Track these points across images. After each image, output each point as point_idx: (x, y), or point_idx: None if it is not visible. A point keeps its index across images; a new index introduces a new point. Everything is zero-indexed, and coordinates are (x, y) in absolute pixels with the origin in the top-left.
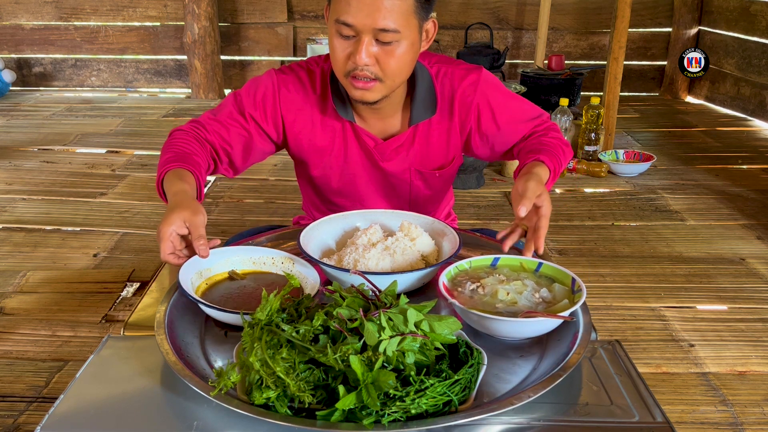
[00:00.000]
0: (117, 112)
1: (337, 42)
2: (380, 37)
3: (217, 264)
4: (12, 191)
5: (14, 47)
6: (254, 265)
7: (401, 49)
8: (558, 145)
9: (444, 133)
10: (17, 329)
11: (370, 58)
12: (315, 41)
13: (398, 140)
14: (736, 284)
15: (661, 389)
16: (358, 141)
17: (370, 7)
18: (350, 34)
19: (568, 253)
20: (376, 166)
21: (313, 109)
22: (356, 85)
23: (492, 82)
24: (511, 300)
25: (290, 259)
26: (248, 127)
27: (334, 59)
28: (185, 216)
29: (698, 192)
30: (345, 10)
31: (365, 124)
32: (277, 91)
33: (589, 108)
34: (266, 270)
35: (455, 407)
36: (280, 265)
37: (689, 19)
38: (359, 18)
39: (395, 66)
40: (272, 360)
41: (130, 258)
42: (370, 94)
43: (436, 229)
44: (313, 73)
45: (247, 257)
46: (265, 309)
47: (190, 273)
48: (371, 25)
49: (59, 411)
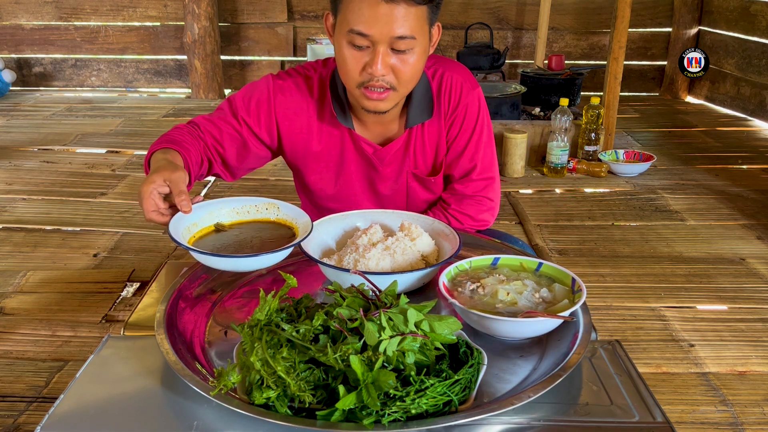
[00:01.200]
0: (117, 112)
1: (350, 53)
2: (396, 45)
3: (201, 218)
4: (12, 191)
5: (14, 47)
6: (238, 215)
7: (415, 57)
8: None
9: (435, 134)
10: (17, 329)
11: (386, 68)
12: (315, 41)
13: (396, 144)
14: (736, 284)
15: (661, 389)
16: (356, 148)
17: (387, 16)
18: (365, 44)
19: (568, 253)
20: (374, 172)
21: (310, 115)
22: (370, 97)
23: (485, 110)
24: (511, 300)
25: (274, 204)
26: (241, 131)
27: (345, 70)
28: (165, 175)
29: (698, 192)
30: (360, 20)
31: (364, 129)
32: (273, 97)
33: (589, 108)
34: (252, 219)
35: (455, 407)
36: (264, 211)
37: (689, 19)
38: (376, 27)
39: (410, 74)
40: (273, 359)
41: (130, 258)
42: (384, 104)
43: (436, 229)
44: (310, 78)
45: (230, 208)
46: (264, 309)
47: (177, 230)
48: (388, 34)
49: (59, 411)
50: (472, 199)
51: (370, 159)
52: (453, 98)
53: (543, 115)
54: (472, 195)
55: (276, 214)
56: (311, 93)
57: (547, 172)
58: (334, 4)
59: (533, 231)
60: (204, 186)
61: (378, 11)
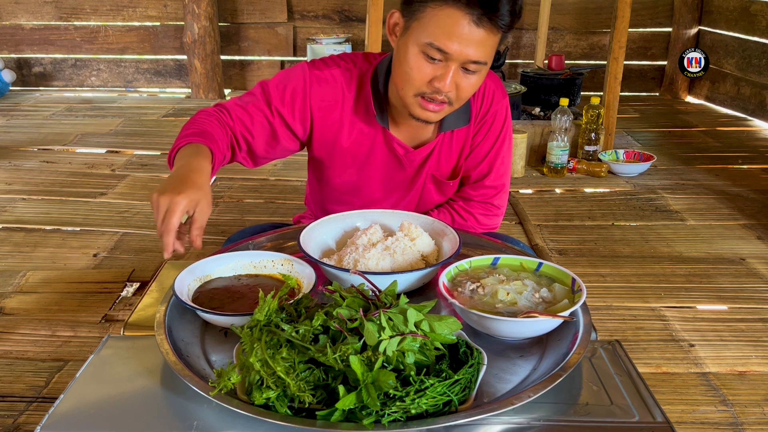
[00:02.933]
0: (117, 112)
1: (420, 63)
2: (468, 66)
3: (217, 270)
4: (12, 191)
5: (14, 47)
6: (255, 269)
7: (478, 78)
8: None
9: (462, 139)
10: (17, 329)
11: (453, 85)
12: (315, 41)
13: (428, 148)
14: (736, 284)
15: (661, 389)
16: (387, 147)
17: (469, 39)
18: (439, 59)
19: (568, 253)
20: (398, 172)
21: (344, 108)
22: (426, 107)
23: (510, 120)
24: (511, 300)
25: (289, 260)
26: (273, 121)
27: (409, 77)
28: (197, 199)
29: (698, 192)
30: (442, 36)
31: (397, 130)
32: (309, 87)
33: (589, 108)
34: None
35: (455, 407)
36: (279, 267)
37: (689, 19)
38: (456, 47)
39: (469, 92)
40: (272, 360)
41: (130, 258)
42: (436, 116)
43: (436, 229)
44: (349, 71)
45: (248, 261)
46: (263, 310)
47: (188, 279)
48: (465, 57)
49: (59, 411)
50: (480, 204)
51: (400, 160)
52: (485, 104)
53: (543, 115)
54: (481, 200)
55: (289, 270)
56: (348, 86)
57: (547, 172)
58: (408, 8)
59: (533, 231)
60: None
61: (462, 32)
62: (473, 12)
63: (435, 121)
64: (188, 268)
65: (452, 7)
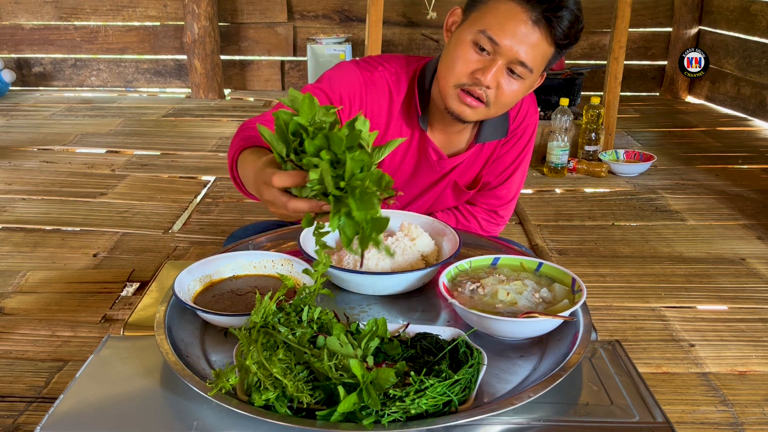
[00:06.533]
0: (117, 112)
1: (468, 52)
2: (514, 67)
3: (217, 271)
4: (12, 191)
5: (14, 47)
6: (255, 269)
7: (521, 86)
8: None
9: (490, 150)
10: (17, 329)
11: (494, 82)
12: (315, 41)
13: (461, 158)
14: (736, 284)
15: (661, 389)
16: (421, 150)
17: (522, 36)
18: (488, 50)
19: (568, 253)
20: (425, 177)
21: (390, 114)
22: (464, 100)
23: (534, 138)
24: (511, 300)
25: (289, 260)
26: None
27: (452, 66)
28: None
29: (698, 192)
30: (497, 27)
31: (434, 135)
32: (365, 90)
33: (589, 108)
34: (266, 273)
35: (455, 407)
36: (279, 267)
37: (689, 19)
38: (508, 40)
39: (509, 99)
40: (269, 362)
41: (130, 258)
42: (471, 113)
43: (436, 229)
44: (398, 75)
45: (248, 262)
46: (259, 311)
47: (188, 279)
48: (515, 54)
49: (59, 411)
50: (485, 211)
51: (432, 165)
52: (519, 117)
53: (543, 115)
54: (488, 207)
55: (289, 271)
56: (399, 93)
57: (547, 172)
58: (471, 3)
59: (533, 231)
60: (203, 186)
61: (518, 26)
62: (533, 11)
63: (468, 121)
64: (188, 268)
65: (514, 2)
